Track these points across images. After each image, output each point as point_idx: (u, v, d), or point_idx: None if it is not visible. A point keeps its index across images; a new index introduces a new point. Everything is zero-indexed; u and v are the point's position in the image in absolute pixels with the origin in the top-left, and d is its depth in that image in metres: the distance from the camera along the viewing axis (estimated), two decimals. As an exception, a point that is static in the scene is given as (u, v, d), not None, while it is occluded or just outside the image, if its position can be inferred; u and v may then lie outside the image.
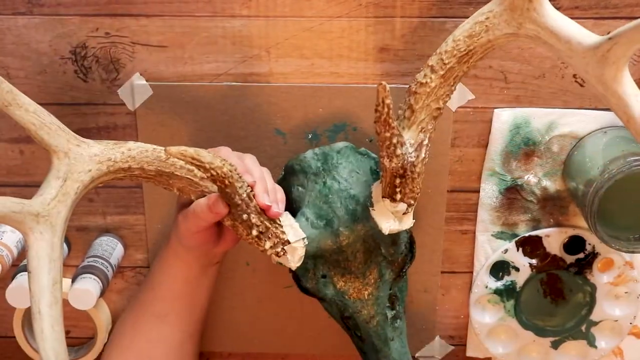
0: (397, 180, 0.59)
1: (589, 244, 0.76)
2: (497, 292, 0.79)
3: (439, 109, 0.59)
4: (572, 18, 0.68)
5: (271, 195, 0.62)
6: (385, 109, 0.54)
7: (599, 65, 0.50)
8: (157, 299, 0.69)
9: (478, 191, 0.75)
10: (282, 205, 0.63)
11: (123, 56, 0.71)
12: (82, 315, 0.78)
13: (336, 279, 0.65)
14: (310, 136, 0.73)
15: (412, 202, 0.61)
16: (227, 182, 0.57)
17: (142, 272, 0.80)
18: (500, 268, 0.78)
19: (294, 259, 0.62)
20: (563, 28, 0.53)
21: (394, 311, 0.67)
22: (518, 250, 0.77)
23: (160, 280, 0.68)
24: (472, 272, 0.79)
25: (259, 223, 0.60)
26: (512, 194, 0.75)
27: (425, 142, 0.59)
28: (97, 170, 0.57)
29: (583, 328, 0.80)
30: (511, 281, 0.78)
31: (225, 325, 0.81)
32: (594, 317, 0.79)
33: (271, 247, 0.61)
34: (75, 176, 0.56)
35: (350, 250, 0.64)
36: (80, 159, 0.56)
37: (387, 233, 0.62)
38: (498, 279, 0.78)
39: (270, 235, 0.61)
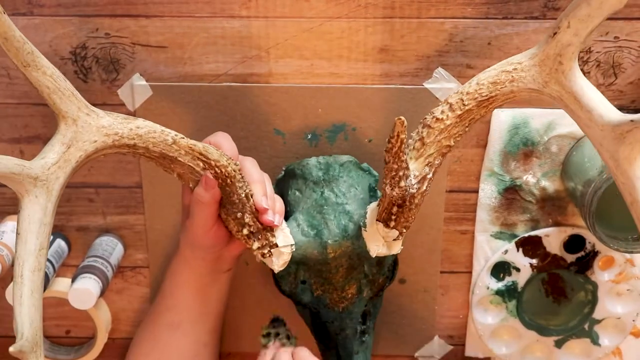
0: (395, 209, 0.59)
1: (589, 243, 0.76)
2: (498, 292, 0.79)
3: (449, 146, 0.59)
4: (571, 18, 0.68)
5: (269, 201, 0.62)
6: (399, 143, 0.55)
7: (615, 142, 0.50)
8: (169, 309, 0.69)
9: (477, 191, 0.75)
10: (280, 217, 0.63)
11: (123, 57, 0.71)
12: (82, 315, 0.79)
13: (315, 287, 0.66)
14: (309, 136, 0.74)
15: (405, 230, 0.61)
16: (228, 181, 0.57)
17: (142, 272, 0.80)
18: (501, 269, 0.78)
19: (279, 262, 0.63)
20: (587, 96, 0.53)
21: (364, 326, 0.67)
22: (518, 250, 0.77)
23: (172, 289, 0.68)
24: (471, 272, 0.79)
25: (251, 223, 0.60)
26: (511, 194, 0.75)
27: (429, 176, 0.59)
28: (103, 142, 0.57)
29: (586, 326, 0.80)
30: (512, 281, 0.78)
31: (225, 325, 0.81)
32: (597, 315, 0.79)
33: (258, 247, 0.62)
34: (80, 145, 0.56)
35: (335, 264, 0.64)
36: (88, 129, 0.56)
37: (374, 256, 0.63)
38: (499, 279, 0.79)
39: (260, 237, 0.61)
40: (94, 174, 0.75)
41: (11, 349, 0.49)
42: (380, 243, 0.62)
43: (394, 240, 0.62)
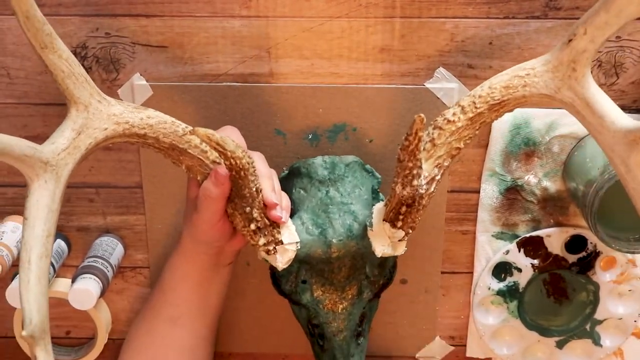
0: (404, 209, 0.59)
1: (591, 243, 0.76)
2: (500, 293, 0.79)
3: (459, 148, 0.59)
4: (572, 18, 0.68)
5: (277, 197, 0.62)
6: (416, 141, 0.54)
7: (627, 148, 0.51)
8: (168, 303, 0.68)
9: (478, 192, 0.75)
10: (287, 214, 0.63)
11: (123, 56, 0.71)
12: (82, 315, 0.78)
13: (315, 287, 0.66)
14: (310, 136, 0.73)
15: (410, 231, 0.62)
16: (242, 173, 0.57)
17: (142, 272, 0.80)
18: (502, 269, 0.78)
19: (283, 259, 0.62)
20: (599, 103, 0.53)
21: (360, 328, 0.67)
22: (519, 251, 0.77)
23: (171, 283, 0.68)
24: (472, 273, 0.79)
25: (259, 218, 0.60)
26: (512, 195, 0.75)
27: (438, 177, 0.60)
28: (113, 130, 0.57)
29: (587, 327, 0.80)
30: (514, 282, 0.78)
31: (226, 326, 0.81)
32: (598, 315, 0.79)
33: (264, 244, 0.61)
34: (90, 132, 0.56)
35: (337, 264, 0.64)
36: (99, 116, 0.56)
37: (379, 256, 0.63)
38: (500, 280, 0.78)
39: (266, 233, 0.61)
40: (94, 174, 0.75)
41: (23, 333, 0.49)
42: (386, 243, 0.63)
43: (399, 240, 0.62)
